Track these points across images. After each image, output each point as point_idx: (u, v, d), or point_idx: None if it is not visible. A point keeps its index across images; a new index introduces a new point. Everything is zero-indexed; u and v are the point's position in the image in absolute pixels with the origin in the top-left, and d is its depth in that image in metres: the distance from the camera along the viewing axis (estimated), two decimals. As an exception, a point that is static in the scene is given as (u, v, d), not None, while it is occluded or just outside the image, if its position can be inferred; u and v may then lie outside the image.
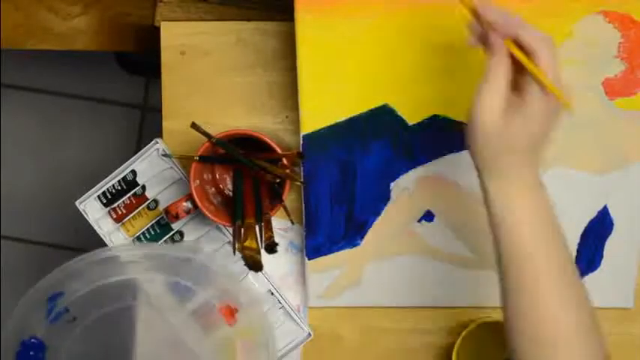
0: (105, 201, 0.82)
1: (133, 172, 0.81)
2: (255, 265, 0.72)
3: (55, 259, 1.59)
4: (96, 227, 0.82)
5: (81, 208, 0.81)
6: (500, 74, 0.56)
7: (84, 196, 0.81)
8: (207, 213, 0.75)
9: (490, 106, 0.56)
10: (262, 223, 0.74)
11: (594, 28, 0.73)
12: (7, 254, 1.54)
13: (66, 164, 1.52)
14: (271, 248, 0.73)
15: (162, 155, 0.81)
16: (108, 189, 0.81)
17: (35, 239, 1.54)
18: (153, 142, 0.81)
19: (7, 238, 1.55)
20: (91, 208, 0.82)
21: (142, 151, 0.81)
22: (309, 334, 0.81)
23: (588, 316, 0.59)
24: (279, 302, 0.81)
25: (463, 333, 0.76)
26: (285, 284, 0.81)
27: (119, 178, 0.81)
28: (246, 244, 0.71)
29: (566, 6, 0.73)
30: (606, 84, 0.75)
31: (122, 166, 0.81)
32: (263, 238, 0.73)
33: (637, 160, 0.75)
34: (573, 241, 0.77)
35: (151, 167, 0.81)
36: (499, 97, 0.56)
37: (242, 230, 0.72)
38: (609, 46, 0.74)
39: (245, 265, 0.72)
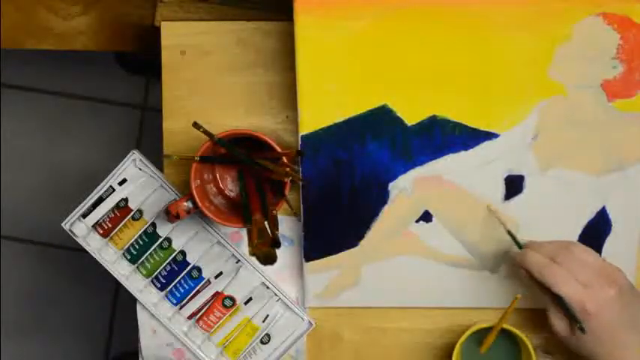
0: (89, 218, 0.82)
1: (111, 187, 0.82)
2: (269, 260, 0.76)
3: (55, 259, 1.60)
4: (85, 245, 0.82)
5: (67, 228, 0.82)
6: (552, 316, 0.73)
7: (68, 217, 0.82)
8: (208, 213, 0.75)
9: (555, 325, 0.72)
10: (269, 219, 0.75)
11: (594, 30, 0.74)
12: (7, 254, 1.54)
13: (66, 164, 1.52)
14: (277, 243, 0.74)
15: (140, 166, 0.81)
16: (90, 206, 0.82)
17: (35, 239, 1.54)
18: (130, 153, 0.81)
19: (7, 238, 1.55)
20: (77, 227, 0.82)
21: (120, 164, 0.81)
22: (310, 323, 0.81)
23: None
24: (276, 294, 0.81)
25: (460, 340, 0.76)
26: (280, 277, 0.82)
27: (100, 194, 0.81)
28: (259, 241, 0.73)
29: (565, 7, 0.73)
30: (605, 85, 0.75)
31: (102, 183, 0.81)
32: (272, 234, 0.74)
33: (636, 161, 0.76)
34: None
35: (130, 178, 0.82)
36: (559, 320, 0.72)
37: (252, 230, 0.74)
38: (608, 47, 0.74)
39: (259, 261, 0.76)
